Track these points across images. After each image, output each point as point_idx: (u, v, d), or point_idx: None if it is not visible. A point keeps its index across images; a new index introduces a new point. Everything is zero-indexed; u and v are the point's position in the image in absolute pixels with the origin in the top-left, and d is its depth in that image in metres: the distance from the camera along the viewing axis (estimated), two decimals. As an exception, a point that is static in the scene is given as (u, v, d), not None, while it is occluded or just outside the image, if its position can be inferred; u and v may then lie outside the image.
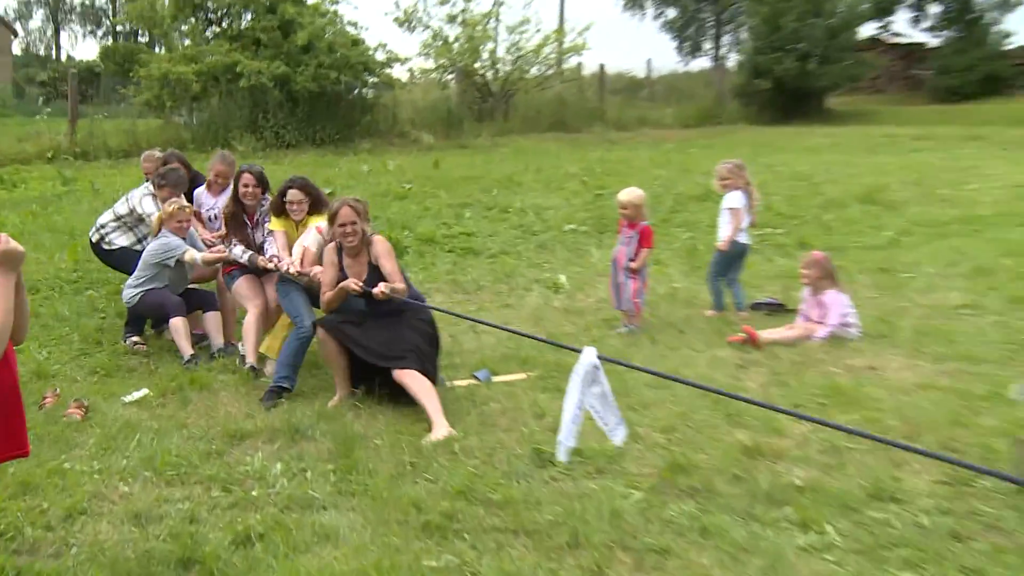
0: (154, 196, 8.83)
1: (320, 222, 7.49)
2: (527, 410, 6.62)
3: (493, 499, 5.17)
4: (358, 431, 6.32)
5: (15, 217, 15.00)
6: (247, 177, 7.97)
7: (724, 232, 9.31)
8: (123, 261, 8.88)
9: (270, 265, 7.59)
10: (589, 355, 4.41)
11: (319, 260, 7.29)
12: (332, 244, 6.97)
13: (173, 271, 8.32)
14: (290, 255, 7.59)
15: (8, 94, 46.36)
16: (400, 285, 6.69)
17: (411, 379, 6.49)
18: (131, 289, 8.36)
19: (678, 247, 12.70)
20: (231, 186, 8.50)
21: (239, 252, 7.95)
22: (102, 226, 9.07)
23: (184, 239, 8.35)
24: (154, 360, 8.26)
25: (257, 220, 8.03)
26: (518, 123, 30.03)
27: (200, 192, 9.15)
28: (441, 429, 6.13)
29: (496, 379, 7.41)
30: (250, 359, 7.81)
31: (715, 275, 9.41)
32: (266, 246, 7.89)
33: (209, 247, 8.48)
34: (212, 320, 8.40)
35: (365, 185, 17.90)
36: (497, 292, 10.68)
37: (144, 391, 7.34)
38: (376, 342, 6.69)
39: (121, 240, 8.97)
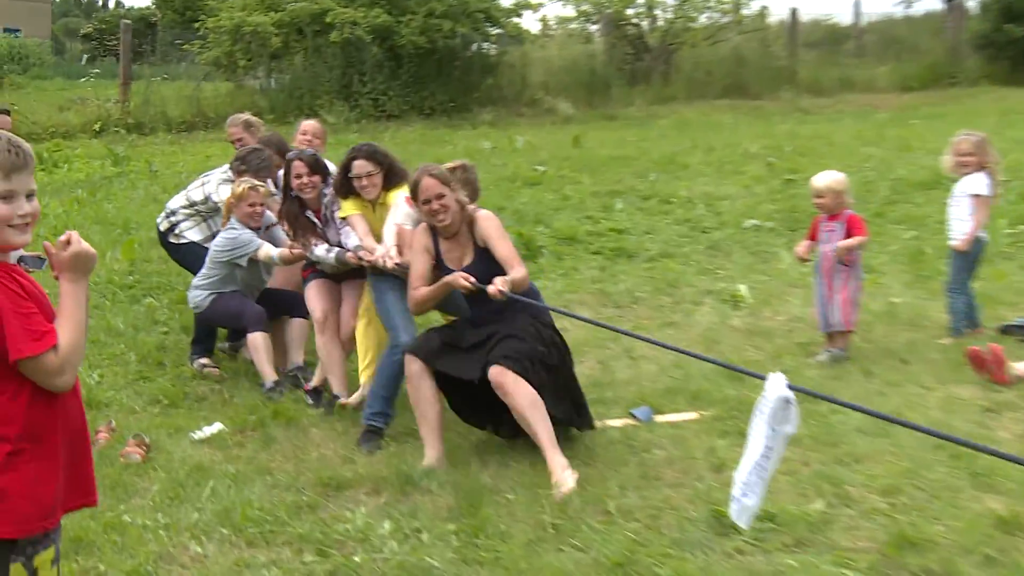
0: (232, 183, 9.02)
1: (405, 192, 7.40)
2: (701, 459, 6.62)
3: (660, 575, 5.16)
4: (486, 483, 6.40)
5: (56, 205, 15.68)
6: (298, 166, 8.01)
7: (964, 226, 9.06)
8: (192, 259, 9.06)
9: (366, 260, 7.52)
10: (777, 384, 4.32)
11: None
12: (423, 225, 6.98)
13: (247, 271, 8.49)
14: (377, 243, 7.59)
15: (46, 51, 48.14)
16: (521, 272, 6.56)
17: (513, 385, 6.32)
18: (198, 290, 8.55)
19: (897, 250, 12.46)
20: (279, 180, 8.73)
21: (322, 251, 7.98)
22: (172, 212, 9.34)
23: (259, 228, 8.50)
24: (229, 387, 8.52)
25: (326, 215, 8.08)
26: (682, 87, 29.99)
27: None
28: (561, 472, 6.15)
29: (660, 419, 7.42)
30: (336, 389, 7.98)
31: (956, 287, 9.17)
32: (344, 240, 7.91)
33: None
34: (297, 330, 8.60)
35: (487, 167, 18.09)
36: (657, 307, 10.66)
37: (218, 426, 7.56)
38: (472, 350, 6.63)
39: (192, 233, 9.25)
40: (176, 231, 9.26)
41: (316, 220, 8.08)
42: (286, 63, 27.36)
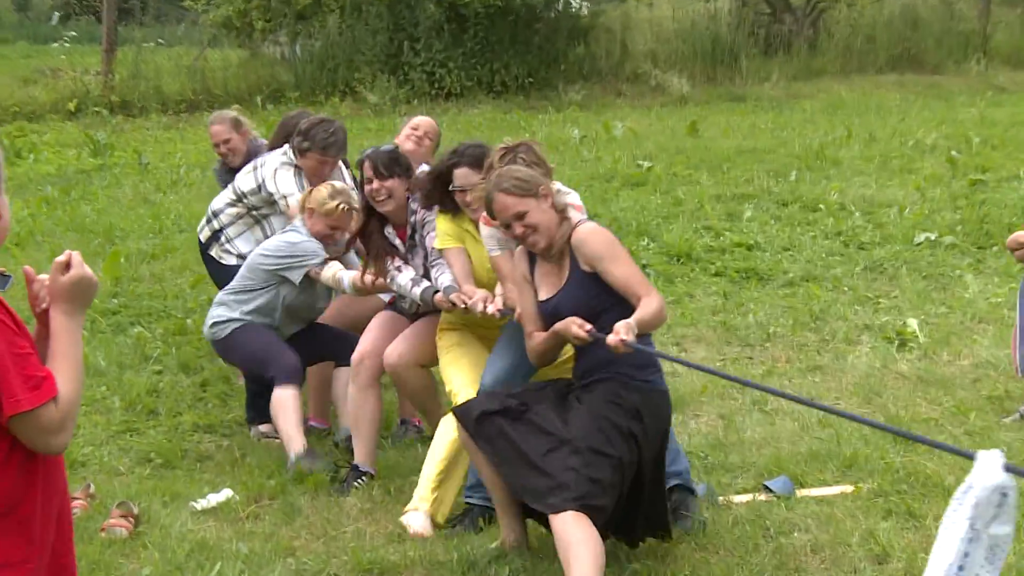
0: (297, 168, 8.95)
1: None
2: (856, 547, 6.60)
3: None
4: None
5: (20, 207, 15.92)
6: (366, 167, 7.79)
7: None
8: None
9: (460, 305, 7.24)
10: (990, 466, 3.98)
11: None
12: (520, 248, 6.73)
13: (298, 295, 8.36)
14: (474, 285, 7.34)
15: (4, 8, 48.78)
16: (653, 305, 6.13)
17: (580, 546, 5.83)
18: (222, 310, 8.38)
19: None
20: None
21: (407, 281, 7.75)
22: (215, 214, 9.29)
23: (331, 246, 8.36)
24: (240, 442, 8.68)
25: (414, 237, 7.86)
26: (833, 59, 29.89)
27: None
28: None
29: (802, 493, 7.41)
30: (359, 458, 7.96)
31: None
32: (436, 277, 7.64)
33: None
34: (344, 382, 8.30)
35: (576, 161, 18.20)
36: (799, 345, 10.65)
37: (227, 493, 7.67)
38: (538, 448, 6.17)
39: (243, 241, 9.20)
40: (222, 240, 9.23)
41: (398, 242, 7.89)
42: (316, 25, 27.57)
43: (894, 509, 7.09)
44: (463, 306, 7.20)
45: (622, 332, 5.87)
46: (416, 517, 7.15)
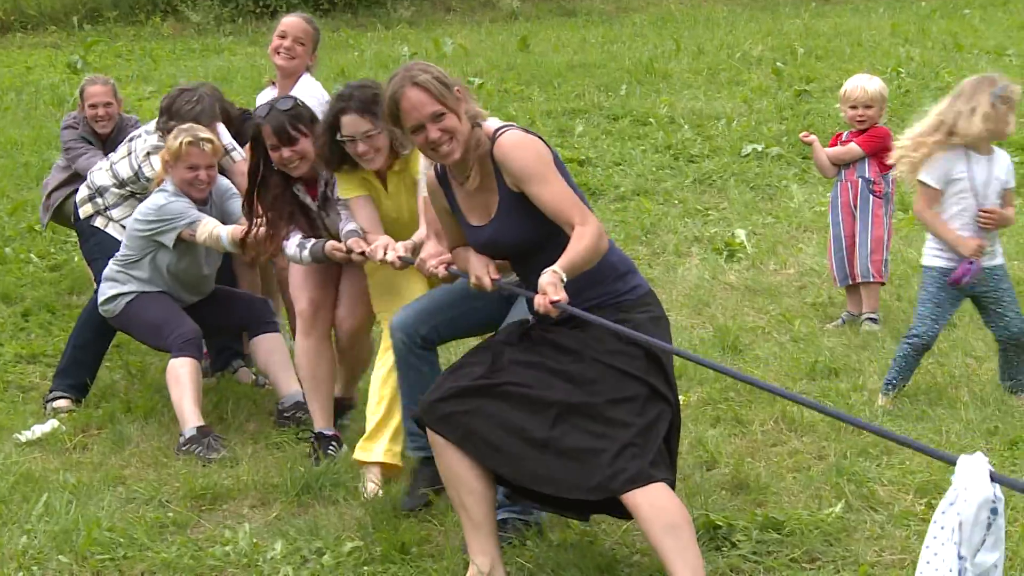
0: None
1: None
2: (686, 454, 6.68)
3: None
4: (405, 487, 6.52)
5: None
6: (267, 133, 7.10)
7: None
8: (105, 259, 8.26)
9: (356, 253, 6.77)
10: (975, 477, 3.59)
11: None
12: (430, 172, 5.89)
13: (177, 261, 7.82)
14: (383, 234, 6.81)
15: None
16: (587, 238, 5.23)
17: (653, 506, 5.11)
18: (113, 284, 7.88)
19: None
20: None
21: (293, 248, 7.18)
22: (99, 191, 8.68)
23: (205, 203, 7.88)
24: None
25: (325, 192, 7.26)
26: (662, -31, 30.07)
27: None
28: None
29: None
30: (321, 423, 7.32)
31: None
32: (343, 229, 7.08)
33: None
34: (270, 349, 7.97)
35: (404, 79, 18.08)
36: (631, 257, 10.71)
37: (52, 424, 7.61)
38: (542, 425, 5.26)
39: (118, 218, 8.59)
40: (109, 215, 8.63)
41: (309, 200, 7.28)
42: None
43: (722, 416, 7.30)
44: (360, 252, 6.73)
45: (550, 292, 5.04)
46: (370, 476, 6.71)
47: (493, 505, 5.47)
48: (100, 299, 7.88)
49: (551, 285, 5.02)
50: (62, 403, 8.04)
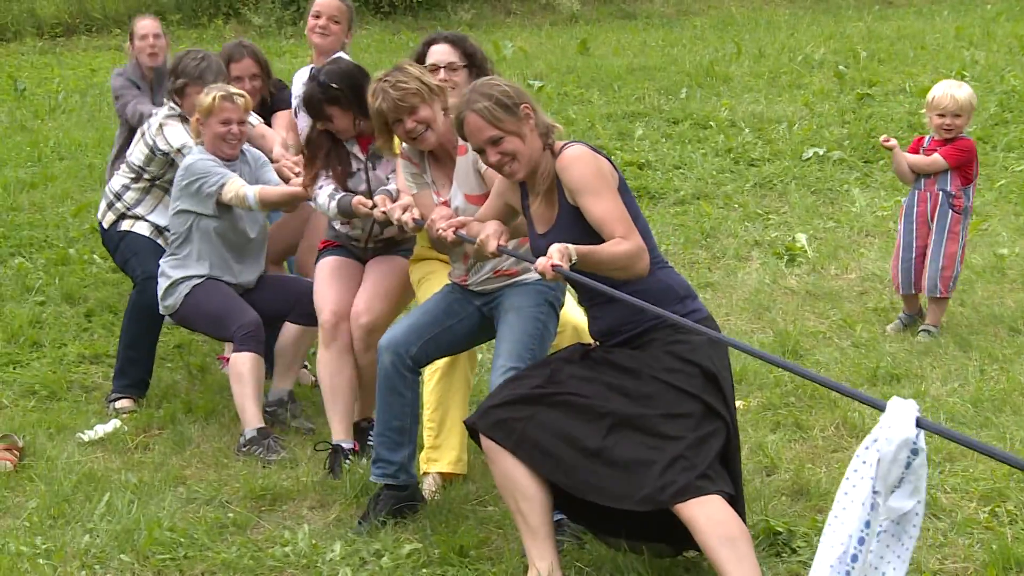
0: (183, 118, 8.12)
1: None
2: (746, 460, 6.64)
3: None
4: (469, 490, 6.51)
5: None
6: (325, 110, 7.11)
7: None
8: (137, 256, 8.29)
9: (379, 211, 6.71)
10: (900, 417, 3.62)
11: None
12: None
13: (220, 224, 7.68)
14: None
15: None
16: (621, 246, 5.28)
17: (709, 519, 5.09)
18: (170, 273, 7.72)
19: (1006, 185, 12.55)
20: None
21: (324, 197, 7.08)
22: (118, 195, 8.40)
23: (234, 159, 7.76)
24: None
25: (377, 150, 7.12)
26: (723, -27, 29.99)
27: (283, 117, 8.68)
28: None
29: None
30: (339, 434, 7.18)
31: None
32: (388, 189, 7.04)
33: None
34: (293, 339, 7.88)
35: (465, 82, 18.10)
36: (691, 263, 10.78)
37: (115, 424, 7.66)
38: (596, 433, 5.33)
39: (158, 217, 8.32)
40: (131, 215, 8.37)
41: (357, 148, 7.26)
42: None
43: (782, 422, 7.27)
44: (382, 211, 6.66)
45: (555, 257, 5.13)
46: (427, 482, 6.66)
47: (550, 511, 5.46)
48: (160, 295, 7.74)
49: (558, 252, 5.10)
50: (124, 403, 8.05)
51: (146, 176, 8.28)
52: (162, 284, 7.72)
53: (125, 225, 8.35)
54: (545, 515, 5.42)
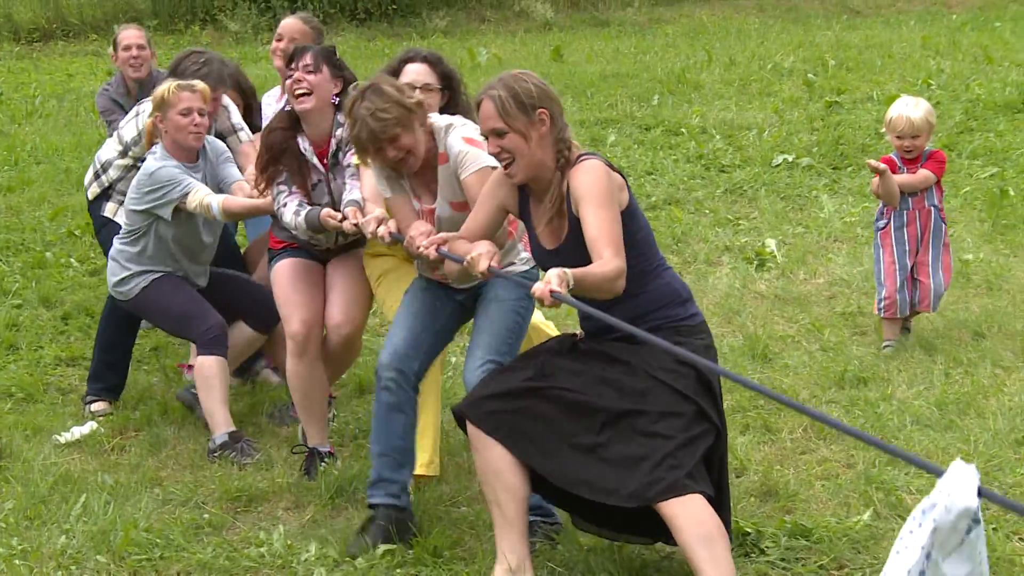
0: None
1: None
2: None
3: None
4: (443, 492, 6.53)
5: None
6: (289, 57, 7.01)
7: None
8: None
9: (350, 224, 6.49)
10: (962, 484, 3.43)
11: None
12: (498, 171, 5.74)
13: (177, 229, 7.47)
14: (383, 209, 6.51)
15: None
16: (609, 265, 5.18)
17: (689, 517, 5.11)
18: (121, 265, 7.55)
19: (971, 192, 12.61)
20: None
21: (290, 214, 6.83)
22: (104, 167, 8.28)
23: (194, 162, 7.49)
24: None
25: (336, 154, 6.97)
26: (695, -19, 30.06)
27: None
28: None
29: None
30: (315, 440, 7.13)
31: None
32: (344, 195, 6.86)
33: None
34: (246, 342, 7.81)
35: (439, 88, 18.13)
36: (662, 267, 10.82)
37: (91, 426, 7.67)
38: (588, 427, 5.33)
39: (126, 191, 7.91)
40: (114, 196, 8.22)
41: (316, 160, 6.96)
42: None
43: (751, 424, 7.34)
44: (353, 223, 6.41)
45: (553, 282, 4.97)
46: None
47: (527, 505, 5.45)
48: (110, 280, 7.60)
49: (557, 277, 4.95)
50: (99, 406, 8.01)
51: (131, 154, 8.08)
52: (115, 269, 7.56)
53: (109, 209, 8.21)
54: (522, 509, 5.41)
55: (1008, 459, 6.64)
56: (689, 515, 5.04)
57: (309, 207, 6.77)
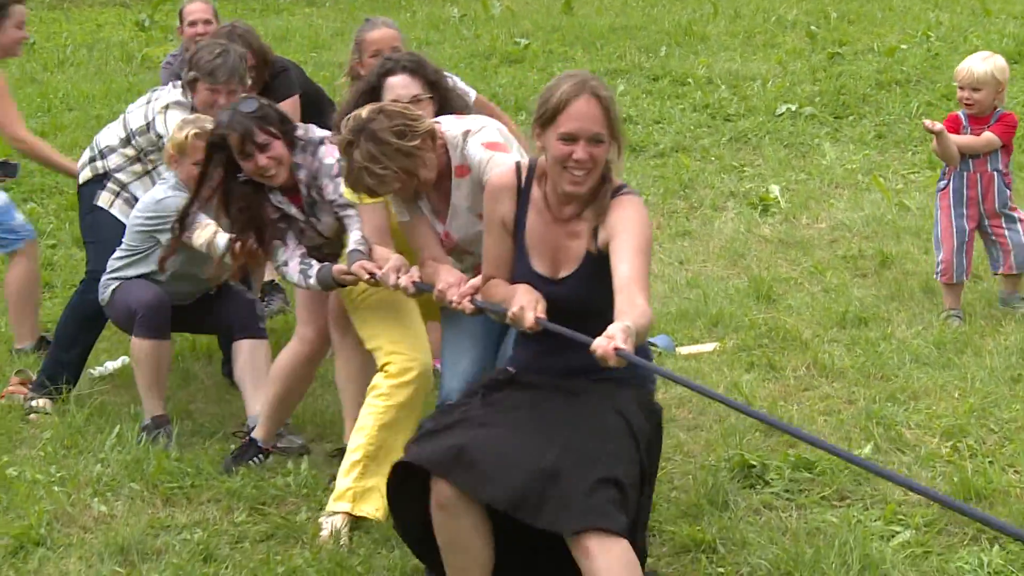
0: (193, 109, 7.18)
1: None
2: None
3: (675, 535, 5.41)
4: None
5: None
6: (236, 143, 6.00)
7: None
8: (98, 245, 7.45)
9: (363, 276, 5.74)
10: None
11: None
12: (503, 175, 5.14)
13: (183, 260, 6.83)
14: (391, 246, 5.89)
15: None
16: (646, 314, 4.50)
17: (608, 560, 4.44)
18: (112, 276, 6.94)
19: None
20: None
21: (295, 273, 6.14)
22: (102, 152, 7.55)
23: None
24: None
25: (312, 195, 6.19)
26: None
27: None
28: None
29: (680, 351, 7.67)
30: (264, 435, 6.52)
31: None
32: (349, 244, 6.05)
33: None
34: (250, 359, 6.93)
35: (455, 41, 18.10)
36: (670, 212, 10.83)
37: (124, 360, 7.72)
38: (531, 458, 4.61)
39: (126, 181, 7.50)
40: (110, 185, 7.48)
41: (294, 210, 6.20)
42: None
43: (756, 362, 7.36)
44: (368, 278, 5.66)
45: (619, 338, 4.25)
46: (329, 522, 5.69)
47: (490, 566, 4.79)
48: (101, 297, 6.96)
49: (621, 333, 4.25)
50: (42, 402, 7.23)
51: (133, 144, 7.40)
52: (106, 281, 6.94)
53: (104, 199, 7.44)
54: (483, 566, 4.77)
55: (1004, 395, 6.65)
56: (612, 555, 4.40)
57: (318, 266, 6.00)
